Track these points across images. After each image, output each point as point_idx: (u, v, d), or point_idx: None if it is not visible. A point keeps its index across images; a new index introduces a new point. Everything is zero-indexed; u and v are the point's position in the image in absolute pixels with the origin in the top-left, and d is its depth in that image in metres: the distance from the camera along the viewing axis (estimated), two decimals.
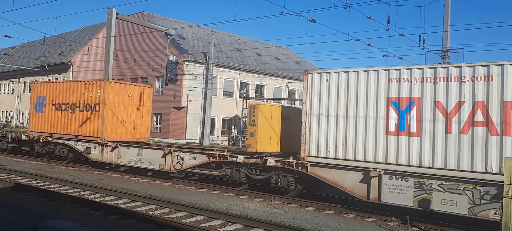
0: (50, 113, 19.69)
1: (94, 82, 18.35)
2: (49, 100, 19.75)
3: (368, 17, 19.81)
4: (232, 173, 13.78)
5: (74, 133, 18.65)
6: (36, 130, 20.25)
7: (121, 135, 18.35)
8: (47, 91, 19.96)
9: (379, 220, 10.51)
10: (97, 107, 17.92)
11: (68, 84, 19.53)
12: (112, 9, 22.62)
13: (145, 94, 19.71)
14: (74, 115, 18.71)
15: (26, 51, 62.49)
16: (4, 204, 10.37)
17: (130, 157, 16.56)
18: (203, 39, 42.15)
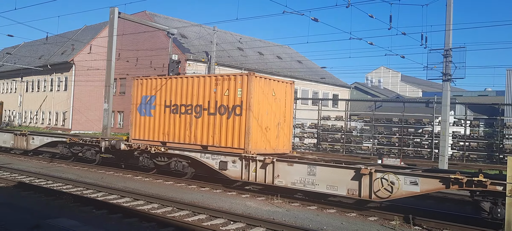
0: (162, 117, 15.86)
1: (232, 77, 14.23)
2: (161, 101, 15.92)
3: (370, 16, 19.76)
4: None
5: (199, 143, 14.74)
6: (141, 138, 16.49)
7: (265, 145, 14.20)
8: (158, 89, 16.08)
9: (381, 219, 10.49)
10: (238, 109, 13.77)
11: (190, 80, 15.31)
12: (114, 9, 22.64)
13: (288, 93, 15.44)
14: (200, 120, 14.75)
15: (28, 51, 62.62)
16: (7, 203, 10.40)
17: (295, 176, 12.19)
18: (205, 38, 42.14)
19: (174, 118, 15.62)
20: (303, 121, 36.18)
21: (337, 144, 33.61)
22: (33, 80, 55.62)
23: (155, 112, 16.16)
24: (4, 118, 61.08)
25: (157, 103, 16.08)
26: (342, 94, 53.81)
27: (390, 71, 75.70)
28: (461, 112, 37.60)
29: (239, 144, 13.72)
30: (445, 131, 20.04)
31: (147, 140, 16.32)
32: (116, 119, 46.14)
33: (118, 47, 29.99)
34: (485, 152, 29.53)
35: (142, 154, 16.26)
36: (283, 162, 12.56)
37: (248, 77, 13.74)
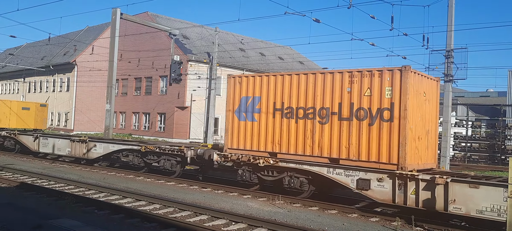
0: (270, 123, 13.10)
1: (375, 72, 11.38)
2: (268, 103, 13.22)
3: (371, 17, 19.77)
4: None
5: (326, 155, 11.94)
6: (240, 147, 13.68)
7: (416, 159, 11.48)
8: (264, 89, 13.40)
9: (382, 220, 10.49)
10: (386, 114, 11.05)
11: (312, 77, 12.52)
12: (116, 9, 22.71)
13: (435, 92, 12.70)
14: (326, 126, 11.97)
15: (31, 51, 62.79)
16: (9, 203, 10.44)
17: (483, 202, 9.42)
18: (206, 39, 42.19)
19: (288, 123, 12.73)
20: None
21: None
22: (36, 81, 55.77)
23: (260, 116, 13.33)
24: None
25: (263, 106, 13.32)
26: None
27: None
28: (462, 113, 37.57)
29: (388, 158, 10.89)
30: (447, 132, 20.02)
31: (250, 150, 13.46)
32: (118, 120, 46.23)
33: (120, 48, 30.08)
34: (487, 153, 29.50)
35: (242, 166, 13.57)
36: (461, 182, 9.77)
37: (402, 73, 10.87)
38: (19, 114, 24.73)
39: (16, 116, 24.60)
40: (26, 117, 24.98)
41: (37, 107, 26.04)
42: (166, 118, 40.93)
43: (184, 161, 15.74)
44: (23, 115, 24.82)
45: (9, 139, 23.62)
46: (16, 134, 22.97)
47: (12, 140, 23.50)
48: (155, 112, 42.16)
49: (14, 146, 23.59)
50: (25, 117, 24.89)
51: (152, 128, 42.39)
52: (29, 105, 25.97)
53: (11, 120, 24.40)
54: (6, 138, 23.75)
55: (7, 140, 23.73)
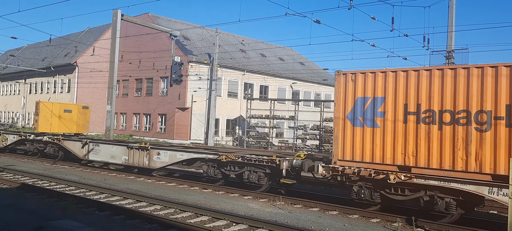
0: (399, 129, 10.79)
1: None
2: (397, 105, 10.90)
3: (372, 18, 19.80)
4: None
5: (488, 170, 9.59)
6: (356, 159, 11.35)
7: None
8: (390, 88, 11.06)
9: (383, 221, 10.49)
10: None
11: (462, 72, 10.19)
12: (117, 11, 22.74)
13: None
14: (487, 134, 9.71)
15: (32, 53, 62.89)
16: (10, 204, 10.45)
17: None
18: (207, 40, 42.23)
19: (427, 130, 10.43)
20: (305, 122, 36.20)
21: None
22: (37, 82, 55.85)
23: (385, 121, 11.00)
24: (8, 120, 61.39)
25: (389, 109, 10.95)
26: None
27: None
28: None
29: None
30: None
31: (369, 162, 11.10)
32: (119, 121, 46.27)
33: (121, 49, 30.12)
34: None
35: (358, 182, 11.29)
36: None
37: None
38: (60, 118, 22.55)
39: (58, 119, 22.46)
40: (68, 120, 22.82)
41: (79, 109, 23.61)
42: (166, 119, 40.95)
43: (274, 173, 13.47)
44: (64, 118, 22.68)
45: (52, 144, 20.75)
46: (60, 139, 20.23)
47: (55, 146, 20.61)
48: (156, 113, 42.19)
49: (57, 153, 20.79)
50: (66, 120, 22.76)
51: (152, 129, 42.42)
52: (71, 107, 23.68)
53: (53, 124, 22.25)
54: (49, 143, 20.91)
55: (50, 145, 20.88)
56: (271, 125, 36.62)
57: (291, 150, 34.22)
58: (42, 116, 22.17)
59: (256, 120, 37.74)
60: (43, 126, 22.20)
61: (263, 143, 36.28)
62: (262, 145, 35.60)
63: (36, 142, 21.49)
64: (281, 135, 42.77)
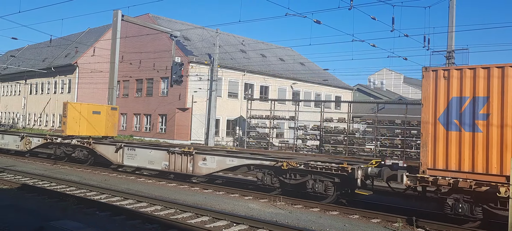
0: (509, 135, 9.37)
1: None
2: (505, 106, 9.44)
3: (372, 18, 19.80)
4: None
5: None
6: (451, 168, 9.90)
7: None
8: (495, 86, 9.60)
9: (384, 221, 10.49)
10: None
11: None
12: (117, 11, 22.76)
13: None
14: None
15: (32, 53, 62.93)
16: (11, 205, 10.46)
17: None
18: (208, 40, 42.24)
19: None
20: (306, 122, 36.21)
21: (339, 145, 33.61)
22: (37, 82, 55.88)
23: (490, 125, 9.50)
24: (8, 120, 61.41)
25: (495, 110, 9.46)
26: (344, 96, 53.80)
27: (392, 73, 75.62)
28: None
29: None
30: None
31: (469, 172, 9.65)
32: (119, 121, 46.29)
33: (121, 50, 30.14)
34: None
35: (452, 195, 9.92)
36: None
37: None
38: (89, 120, 20.79)
39: (86, 121, 20.72)
40: (97, 122, 21.12)
41: (108, 111, 21.76)
42: (167, 119, 40.96)
43: (345, 182, 12.16)
44: (93, 120, 20.92)
45: (81, 148, 19.62)
46: (91, 142, 19.03)
47: (85, 149, 19.55)
48: (156, 113, 42.20)
49: (86, 157, 19.63)
50: (95, 122, 21.03)
51: (153, 129, 42.43)
52: (99, 108, 21.74)
53: (81, 126, 20.54)
54: (77, 147, 19.70)
55: (79, 149, 19.74)
56: (272, 125, 36.62)
57: (292, 150, 34.22)
58: (70, 117, 20.12)
59: (256, 120, 37.74)
60: (71, 128, 20.17)
61: (263, 143, 36.28)
62: (263, 146, 35.60)
63: (64, 146, 20.25)
64: (281, 135, 42.77)
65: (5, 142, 23.20)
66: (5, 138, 23.32)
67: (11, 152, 23.27)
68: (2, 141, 23.33)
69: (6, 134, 24.07)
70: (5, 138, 23.31)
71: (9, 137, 23.25)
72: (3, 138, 23.37)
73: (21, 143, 22.05)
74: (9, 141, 22.93)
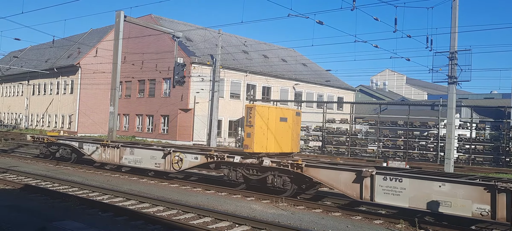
0: None
1: None
2: None
3: (375, 19, 19.74)
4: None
5: None
6: None
7: None
8: None
9: (386, 222, 10.46)
10: None
11: None
12: (120, 12, 22.77)
13: None
14: None
15: (35, 54, 63.10)
16: (13, 205, 10.47)
17: None
18: (210, 41, 42.26)
19: None
20: (308, 123, 36.17)
21: (342, 146, 33.55)
22: (40, 83, 56.02)
23: None
24: (11, 121, 61.57)
25: None
26: (347, 97, 53.73)
27: (395, 74, 75.52)
28: (467, 115, 37.43)
29: None
30: (451, 134, 19.95)
31: None
32: (121, 122, 46.35)
33: (124, 51, 30.17)
34: (491, 155, 29.37)
35: None
36: None
37: None
38: (276, 130, 14.04)
39: (274, 133, 13.98)
40: (283, 133, 14.29)
41: (293, 117, 14.91)
42: (169, 120, 41.00)
43: None
44: (280, 130, 14.12)
45: (280, 173, 13.08)
46: (302, 165, 12.44)
47: (285, 175, 13.03)
48: (158, 114, 42.24)
49: (287, 185, 13.07)
50: (282, 133, 14.21)
51: (155, 130, 42.47)
52: (286, 114, 14.54)
53: (269, 139, 13.68)
54: (272, 171, 13.22)
55: (275, 174, 13.16)
56: None
57: None
58: (257, 126, 13.39)
59: None
60: (259, 142, 13.40)
61: None
62: None
63: (246, 168, 13.84)
64: None
65: (136, 158, 16.98)
66: (136, 153, 17.04)
67: (147, 173, 17.10)
68: (132, 157, 17.12)
69: (138, 148, 17.37)
70: (135, 153, 17.06)
71: (143, 153, 16.89)
72: (132, 153, 17.15)
73: (164, 161, 15.87)
74: (143, 158, 16.74)
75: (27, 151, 26.44)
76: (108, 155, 17.98)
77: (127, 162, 17.33)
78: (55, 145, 20.63)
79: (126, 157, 17.38)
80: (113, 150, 17.83)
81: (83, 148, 19.15)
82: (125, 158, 17.40)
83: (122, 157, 17.49)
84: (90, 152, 18.74)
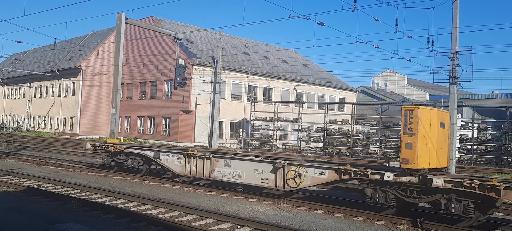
0: None
1: None
2: None
3: (376, 20, 19.75)
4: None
5: None
6: None
7: None
8: None
9: (389, 223, 10.45)
10: None
11: None
12: (121, 14, 22.81)
13: None
14: None
15: (36, 56, 63.22)
16: (15, 208, 10.49)
17: None
18: (211, 43, 42.30)
19: None
20: (309, 124, 36.17)
21: (343, 147, 33.53)
22: (41, 85, 56.12)
23: None
24: (13, 123, 61.65)
25: None
26: (348, 98, 53.71)
27: (396, 75, 75.49)
28: (468, 115, 37.39)
29: None
30: (453, 134, 19.94)
31: None
32: (123, 124, 46.39)
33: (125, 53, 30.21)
34: (493, 155, 29.31)
35: None
36: None
37: None
38: (437, 138, 11.23)
39: (434, 143, 11.15)
40: (442, 143, 11.62)
41: (448, 122, 12.32)
42: (171, 121, 41.02)
43: None
44: (439, 139, 11.41)
45: (458, 196, 10.09)
46: (500, 189, 9.46)
47: None
48: (160, 116, 42.28)
49: None
50: (441, 142, 11.57)
51: (157, 131, 42.51)
52: (444, 118, 11.79)
53: (431, 151, 10.88)
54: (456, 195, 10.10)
55: (455, 200, 10.08)
56: (275, 127, 36.59)
57: (296, 152, 34.18)
58: (421, 134, 10.59)
59: (260, 122, 37.73)
60: (423, 155, 10.58)
61: (267, 145, 36.25)
62: (266, 148, 35.58)
63: (401, 188, 10.94)
64: (285, 137, 42.75)
65: (233, 171, 14.00)
66: (234, 166, 14.02)
67: (248, 188, 13.90)
68: (227, 169, 14.14)
69: (236, 159, 14.24)
70: (233, 166, 14.05)
71: (243, 165, 13.82)
72: (228, 166, 14.16)
73: (274, 176, 13.00)
74: (244, 171, 13.73)
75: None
76: (194, 167, 15.04)
77: (221, 176, 14.33)
78: (122, 154, 17.82)
79: (219, 170, 14.39)
80: (201, 162, 14.90)
81: (160, 158, 16.24)
82: (218, 171, 14.44)
83: (214, 170, 14.52)
84: (170, 163, 15.90)
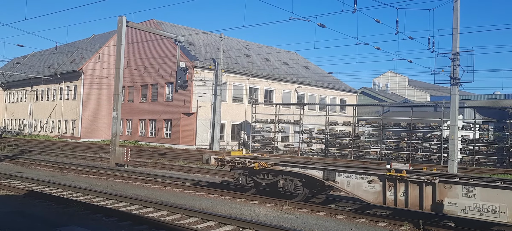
0: None
1: None
2: None
3: (376, 21, 19.75)
4: None
5: None
6: None
7: None
8: None
9: (391, 225, 10.42)
10: None
11: None
12: (122, 18, 22.87)
13: None
14: None
15: (38, 60, 63.33)
16: (17, 212, 10.50)
17: None
18: (212, 45, 42.34)
19: None
20: (311, 126, 36.15)
21: (345, 149, 33.51)
22: (43, 89, 56.21)
23: None
24: (14, 127, 61.73)
25: None
26: (349, 99, 53.68)
27: (397, 76, 75.45)
28: (470, 116, 37.34)
29: None
30: (454, 135, 19.92)
31: None
32: (124, 127, 46.43)
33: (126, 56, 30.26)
34: (495, 155, 29.27)
35: None
36: None
37: None
38: None
39: None
40: None
41: None
42: (172, 124, 41.05)
43: None
44: None
45: None
46: None
47: None
48: (161, 119, 42.31)
49: None
50: None
51: (158, 134, 42.52)
52: None
53: None
54: None
55: None
56: (277, 129, 36.59)
57: (297, 154, 34.16)
58: None
59: (261, 124, 37.76)
60: None
61: (268, 147, 36.24)
62: (268, 150, 35.57)
63: None
64: (286, 139, 42.73)
65: (482, 204, 9.17)
66: (483, 196, 9.19)
67: None
68: (471, 202, 9.30)
69: (488, 186, 9.30)
70: (479, 196, 9.25)
71: (500, 196, 9.04)
72: (473, 197, 9.30)
73: None
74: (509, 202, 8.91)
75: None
76: (402, 196, 10.44)
77: (459, 212, 9.50)
78: (268, 172, 13.32)
79: (456, 201, 9.54)
80: (415, 189, 10.21)
81: (336, 180, 11.62)
82: (450, 203, 9.62)
83: (444, 202, 9.69)
84: (354, 188, 11.32)
